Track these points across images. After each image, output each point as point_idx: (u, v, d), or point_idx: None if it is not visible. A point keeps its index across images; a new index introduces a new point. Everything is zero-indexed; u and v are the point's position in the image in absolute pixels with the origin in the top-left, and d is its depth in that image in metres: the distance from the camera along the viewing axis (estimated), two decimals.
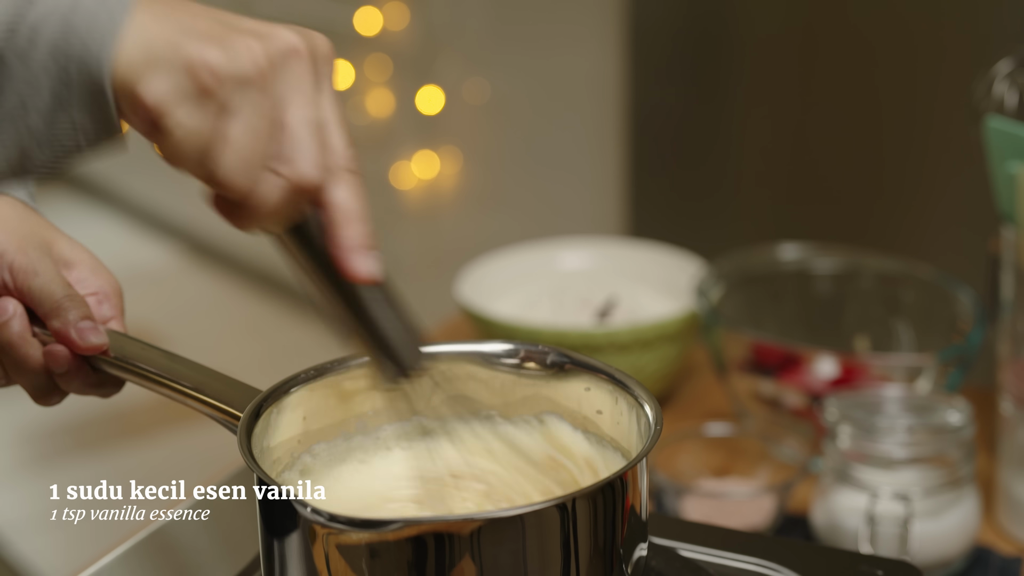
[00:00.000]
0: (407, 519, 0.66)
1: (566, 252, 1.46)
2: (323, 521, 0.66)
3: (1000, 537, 1.09)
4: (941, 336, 1.23)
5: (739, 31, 1.95)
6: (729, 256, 1.32)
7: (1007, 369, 1.08)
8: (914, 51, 1.75)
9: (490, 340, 0.83)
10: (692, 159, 2.05)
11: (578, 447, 0.79)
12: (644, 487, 0.71)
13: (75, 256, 0.81)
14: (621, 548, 0.70)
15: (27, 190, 0.84)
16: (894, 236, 1.80)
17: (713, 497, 1.10)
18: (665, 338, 1.26)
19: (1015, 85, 1.07)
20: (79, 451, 2.62)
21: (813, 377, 1.17)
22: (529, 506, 0.66)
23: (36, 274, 0.77)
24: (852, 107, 1.83)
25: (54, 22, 0.59)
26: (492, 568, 0.65)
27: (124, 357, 0.78)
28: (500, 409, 0.81)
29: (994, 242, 1.10)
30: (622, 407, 0.76)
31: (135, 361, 0.78)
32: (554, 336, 1.23)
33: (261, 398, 0.74)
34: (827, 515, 1.05)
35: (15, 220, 0.80)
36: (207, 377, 0.77)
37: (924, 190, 1.77)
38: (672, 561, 0.83)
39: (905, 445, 1.02)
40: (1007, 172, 1.05)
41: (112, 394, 0.80)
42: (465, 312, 1.30)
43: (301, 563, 0.67)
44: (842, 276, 1.31)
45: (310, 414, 0.78)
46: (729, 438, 1.17)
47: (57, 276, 0.78)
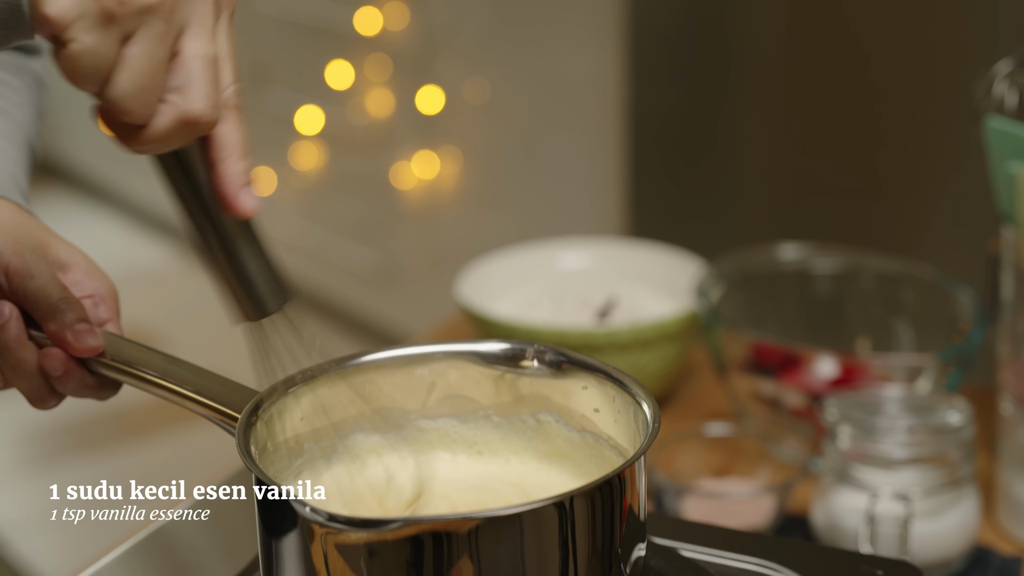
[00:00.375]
0: (406, 518, 0.66)
1: (566, 252, 1.46)
2: (322, 521, 0.66)
3: (1000, 537, 1.09)
4: (941, 336, 1.23)
5: (739, 31, 1.95)
6: (729, 256, 1.32)
7: (1007, 369, 1.08)
8: (914, 51, 1.75)
9: (488, 339, 0.83)
10: (692, 159, 2.05)
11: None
12: (642, 485, 0.71)
13: (70, 259, 0.81)
14: (619, 546, 0.70)
15: (21, 192, 0.84)
16: (894, 236, 1.80)
17: (713, 497, 1.10)
18: (665, 338, 1.26)
19: (1015, 85, 1.07)
20: (79, 451, 2.62)
21: (813, 377, 1.17)
22: (527, 504, 0.66)
23: (32, 277, 0.77)
24: (852, 107, 1.83)
25: None
26: (491, 567, 0.65)
27: (120, 359, 0.78)
28: (497, 409, 0.81)
29: (994, 242, 1.10)
30: (619, 405, 0.76)
31: (131, 363, 0.78)
32: (554, 336, 1.23)
33: (258, 399, 0.74)
34: (827, 515, 1.05)
35: (10, 223, 0.80)
36: (204, 379, 0.77)
37: (924, 190, 1.77)
38: (672, 561, 0.83)
39: (905, 445, 1.02)
40: (1007, 172, 1.05)
41: (109, 397, 0.80)
42: (465, 312, 1.30)
43: (300, 563, 0.67)
44: (842, 276, 1.31)
45: (307, 415, 0.78)
46: (729, 438, 1.17)
47: (53, 279, 0.78)
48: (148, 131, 0.63)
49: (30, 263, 0.77)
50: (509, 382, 0.80)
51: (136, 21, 0.61)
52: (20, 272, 0.77)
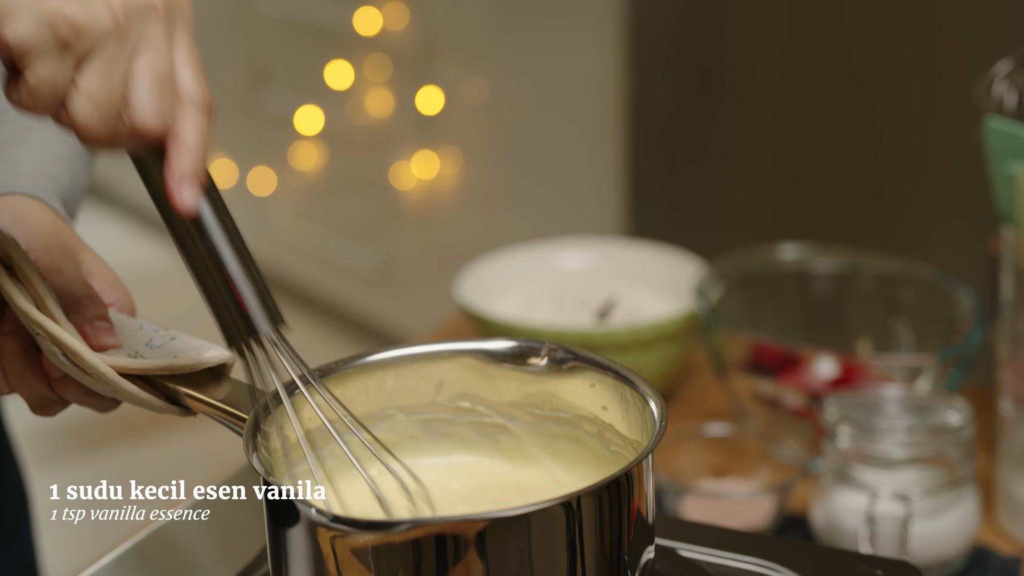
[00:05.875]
0: (413, 520, 0.66)
1: (566, 252, 1.46)
2: (330, 523, 0.66)
3: (1000, 537, 1.09)
4: (941, 336, 1.23)
5: (739, 31, 1.95)
6: (729, 256, 1.32)
7: (1007, 369, 1.08)
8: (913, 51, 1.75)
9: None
10: (692, 159, 2.06)
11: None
12: (650, 484, 0.71)
13: (97, 269, 0.82)
14: (628, 544, 0.70)
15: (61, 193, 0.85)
16: (893, 236, 1.80)
17: (713, 497, 1.10)
18: (665, 338, 1.26)
19: (1015, 85, 1.07)
20: (79, 451, 2.63)
21: (813, 377, 1.17)
22: (534, 505, 0.66)
23: (60, 272, 0.78)
24: (851, 107, 1.83)
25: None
26: (498, 568, 0.65)
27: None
28: (504, 407, 0.81)
29: (993, 242, 1.10)
30: (627, 404, 0.76)
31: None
32: (553, 336, 1.23)
33: (266, 400, 0.74)
34: (827, 515, 1.05)
35: (43, 223, 0.81)
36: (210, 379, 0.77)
37: (924, 190, 1.77)
38: (673, 562, 0.83)
39: (905, 445, 1.02)
40: (1007, 172, 1.05)
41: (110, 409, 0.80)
42: (465, 312, 1.30)
43: (309, 565, 0.67)
44: (842, 276, 1.31)
45: (315, 415, 0.78)
46: (729, 438, 1.17)
47: (80, 277, 0.79)
48: (109, 144, 0.65)
49: (58, 260, 0.79)
50: (517, 380, 0.80)
51: (90, 46, 0.62)
52: (48, 268, 0.78)
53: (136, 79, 0.64)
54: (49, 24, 0.61)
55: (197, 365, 0.76)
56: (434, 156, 2.69)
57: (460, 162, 2.66)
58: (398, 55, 2.69)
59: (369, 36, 2.72)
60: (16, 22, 0.61)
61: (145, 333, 0.79)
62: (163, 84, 0.65)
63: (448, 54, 2.59)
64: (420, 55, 2.64)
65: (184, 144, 0.66)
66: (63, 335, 0.73)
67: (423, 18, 2.62)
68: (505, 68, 2.48)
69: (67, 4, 0.61)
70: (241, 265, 0.68)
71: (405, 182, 2.77)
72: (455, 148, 2.66)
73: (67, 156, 0.89)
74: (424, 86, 2.64)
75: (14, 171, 0.84)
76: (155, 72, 0.64)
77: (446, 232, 2.73)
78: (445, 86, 2.61)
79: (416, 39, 2.64)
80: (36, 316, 0.73)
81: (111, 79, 0.63)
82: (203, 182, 0.66)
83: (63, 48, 0.61)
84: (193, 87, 0.66)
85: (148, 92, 0.64)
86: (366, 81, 2.79)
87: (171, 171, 0.66)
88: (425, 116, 2.65)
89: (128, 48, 0.63)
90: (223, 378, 0.77)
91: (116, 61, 0.63)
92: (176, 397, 0.77)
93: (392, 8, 2.67)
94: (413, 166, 2.73)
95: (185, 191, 0.66)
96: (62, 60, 0.62)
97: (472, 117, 2.59)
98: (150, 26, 0.64)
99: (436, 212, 2.74)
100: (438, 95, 2.62)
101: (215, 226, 0.68)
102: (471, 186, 2.66)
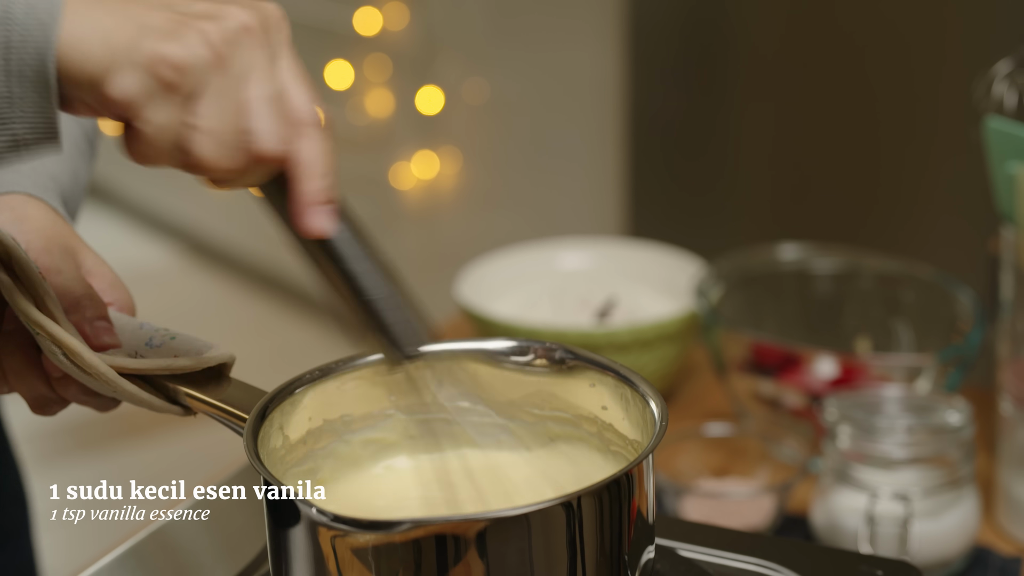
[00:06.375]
0: (414, 520, 0.66)
1: (566, 252, 1.46)
2: (330, 523, 0.66)
3: (1000, 537, 1.09)
4: (941, 336, 1.23)
5: (739, 31, 1.95)
6: (729, 256, 1.32)
7: (1007, 369, 1.08)
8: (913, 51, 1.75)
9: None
10: (692, 159, 2.06)
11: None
12: (650, 484, 0.71)
13: (96, 269, 0.81)
14: (628, 544, 0.70)
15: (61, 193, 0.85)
16: (893, 236, 1.80)
17: (713, 497, 1.10)
18: (665, 338, 1.26)
19: (1015, 85, 1.07)
20: (79, 451, 2.62)
21: (813, 377, 1.17)
22: (534, 504, 0.66)
23: (59, 272, 0.78)
24: (851, 107, 1.83)
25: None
26: (499, 568, 0.65)
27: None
28: (504, 407, 0.81)
29: (994, 242, 1.10)
30: (627, 403, 0.76)
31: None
32: (553, 336, 1.23)
33: (267, 399, 0.74)
34: (827, 515, 1.05)
35: (43, 222, 0.81)
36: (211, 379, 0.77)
37: (924, 190, 1.77)
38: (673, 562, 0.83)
39: (905, 445, 1.02)
40: (1007, 172, 1.05)
41: (110, 408, 0.80)
42: (465, 312, 1.30)
43: (309, 565, 0.67)
44: (842, 276, 1.31)
45: (316, 415, 0.78)
46: (729, 438, 1.18)
47: (79, 277, 0.79)
48: (232, 176, 0.63)
49: (58, 260, 0.78)
50: (517, 380, 0.80)
51: (195, 83, 0.61)
52: (48, 268, 0.78)
53: (250, 107, 0.62)
54: (151, 71, 0.60)
55: (197, 365, 0.76)
56: (434, 156, 2.69)
57: (460, 162, 2.66)
58: (398, 55, 2.69)
59: (369, 36, 2.72)
60: (119, 78, 0.60)
61: (145, 333, 0.79)
62: (277, 107, 0.63)
63: (448, 54, 2.59)
64: (420, 55, 2.64)
65: (306, 166, 0.64)
66: (63, 335, 0.73)
67: (423, 18, 2.62)
68: (505, 68, 2.48)
69: (163, 45, 0.60)
70: (380, 289, 0.67)
71: (405, 182, 2.77)
72: (455, 148, 2.66)
73: (67, 155, 0.88)
74: (424, 86, 2.64)
75: (14, 170, 0.84)
76: (266, 97, 0.63)
77: (446, 232, 2.73)
78: (445, 86, 2.61)
79: (416, 39, 2.64)
80: (36, 316, 0.73)
81: (225, 111, 0.62)
82: (336, 204, 0.65)
83: (170, 91, 0.60)
84: (305, 106, 0.64)
85: (265, 119, 0.63)
86: (366, 81, 2.79)
87: (299, 197, 0.64)
88: (425, 116, 2.65)
89: (234, 77, 0.62)
90: (223, 378, 0.77)
91: (225, 93, 0.62)
92: (176, 397, 0.77)
93: (392, 8, 2.67)
94: (413, 166, 2.73)
95: (313, 215, 0.65)
96: (172, 103, 0.61)
97: (472, 117, 2.59)
98: (250, 50, 0.63)
99: (436, 212, 2.74)
100: (438, 95, 2.62)
101: (354, 248, 0.67)
102: (471, 186, 2.66)
